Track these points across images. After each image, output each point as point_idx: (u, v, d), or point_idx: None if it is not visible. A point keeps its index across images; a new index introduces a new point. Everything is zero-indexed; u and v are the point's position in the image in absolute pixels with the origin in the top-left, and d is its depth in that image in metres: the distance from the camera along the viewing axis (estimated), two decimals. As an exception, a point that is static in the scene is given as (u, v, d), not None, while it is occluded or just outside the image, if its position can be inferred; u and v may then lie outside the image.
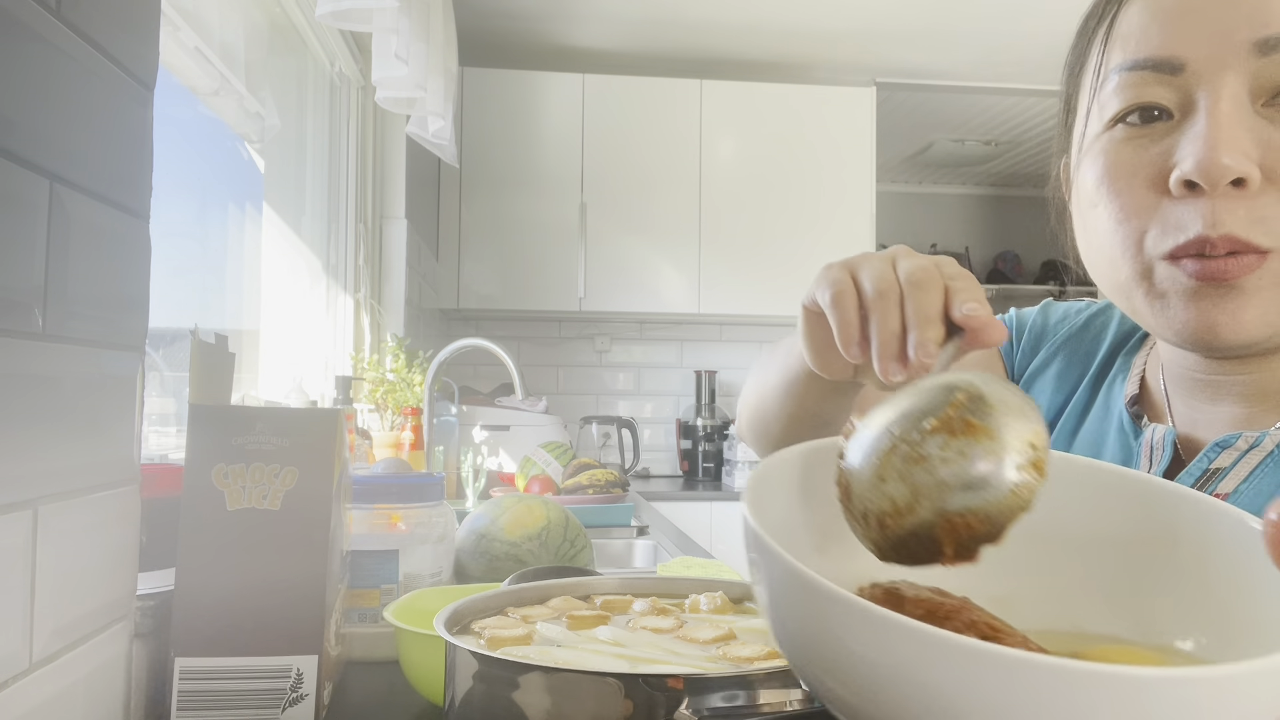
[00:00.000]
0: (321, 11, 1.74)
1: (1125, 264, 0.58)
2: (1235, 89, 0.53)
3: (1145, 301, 0.58)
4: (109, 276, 0.58)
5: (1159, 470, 0.63)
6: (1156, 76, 0.55)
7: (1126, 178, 0.57)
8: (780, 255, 3.60)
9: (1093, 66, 0.61)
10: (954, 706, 0.29)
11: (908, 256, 0.50)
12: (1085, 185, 0.61)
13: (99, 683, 0.58)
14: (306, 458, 0.67)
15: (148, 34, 0.62)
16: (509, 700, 0.48)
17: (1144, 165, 0.56)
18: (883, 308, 0.48)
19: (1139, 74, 0.56)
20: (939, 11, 3.25)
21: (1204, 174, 0.52)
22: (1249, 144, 0.53)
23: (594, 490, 2.02)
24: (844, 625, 0.31)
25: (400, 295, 2.76)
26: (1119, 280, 0.60)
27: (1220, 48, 0.53)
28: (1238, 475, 0.58)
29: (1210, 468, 0.59)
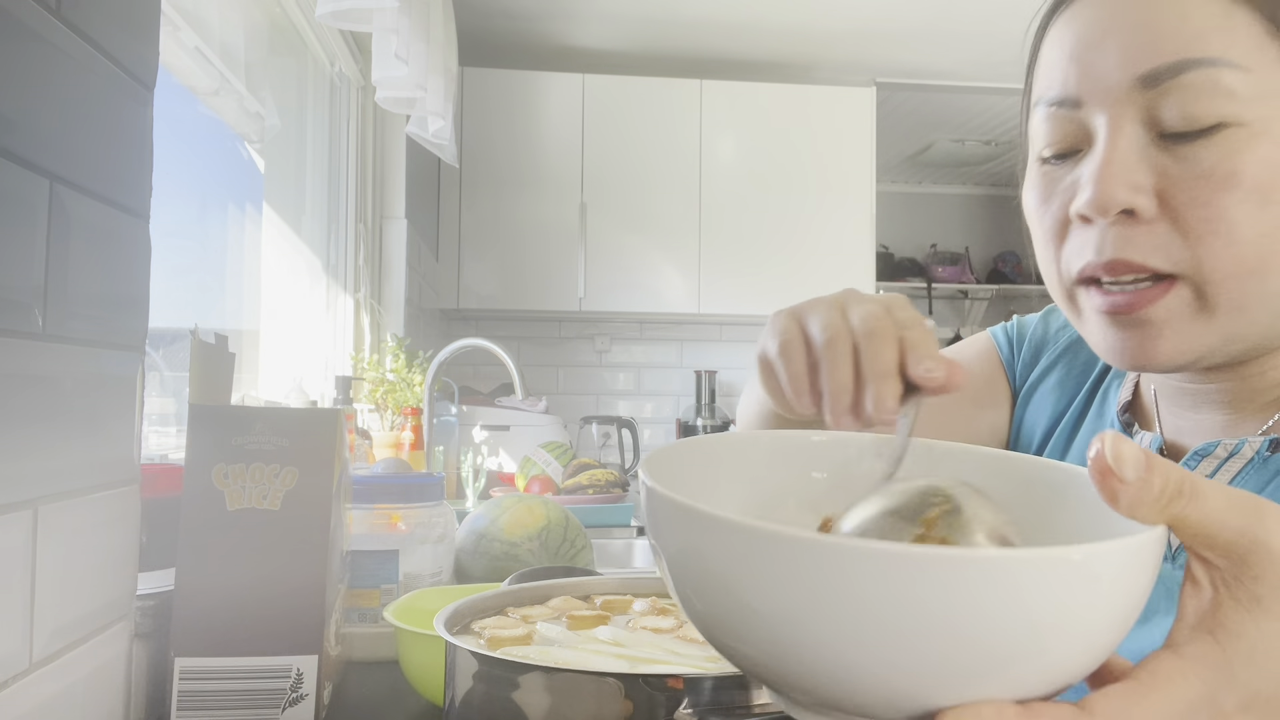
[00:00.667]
0: (321, 11, 1.74)
1: (1055, 286, 0.62)
2: (1127, 122, 0.55)
3: (1077, 322, 0.61)
4: (109, 276, 0.58)
5: None
6: (1063, 113, 0.58)
7: (1045, 206, 0.60)
8: (780, 255, 3.60)
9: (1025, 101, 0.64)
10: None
11: (858, 303, 0.49)
12: (1025, 209, 0.64)
13: (99, 683, 0.58)
14: (306, 458, 0.67)
15: (148, 34, 0.63)
16: (509, 700, 0.48)
17: (1058, 195, 0.59)
18: (832, 357, 0.47)
19: (1050, 110, 0.59)
20: (939, 11, 3.25)
21: (1092, 207, 0.55)
22: (1141, 173, 0.54)
23: (594, 490, 2.02)
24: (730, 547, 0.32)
25: (400, 295, 2.76)
26: (1057, 299, 0.63)
27: (1108, 85, 0.55)
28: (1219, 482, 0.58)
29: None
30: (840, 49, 3.60)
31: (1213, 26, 0.53)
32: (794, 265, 3.60)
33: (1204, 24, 0.53)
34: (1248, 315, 0.55)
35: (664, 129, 3.57)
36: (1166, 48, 0.53)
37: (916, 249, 5.02)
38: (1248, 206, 0.53)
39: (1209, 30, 0.53)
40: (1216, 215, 0.53)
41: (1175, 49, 0.53)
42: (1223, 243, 0.53)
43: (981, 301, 5.04)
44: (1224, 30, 0.53)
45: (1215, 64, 0.53)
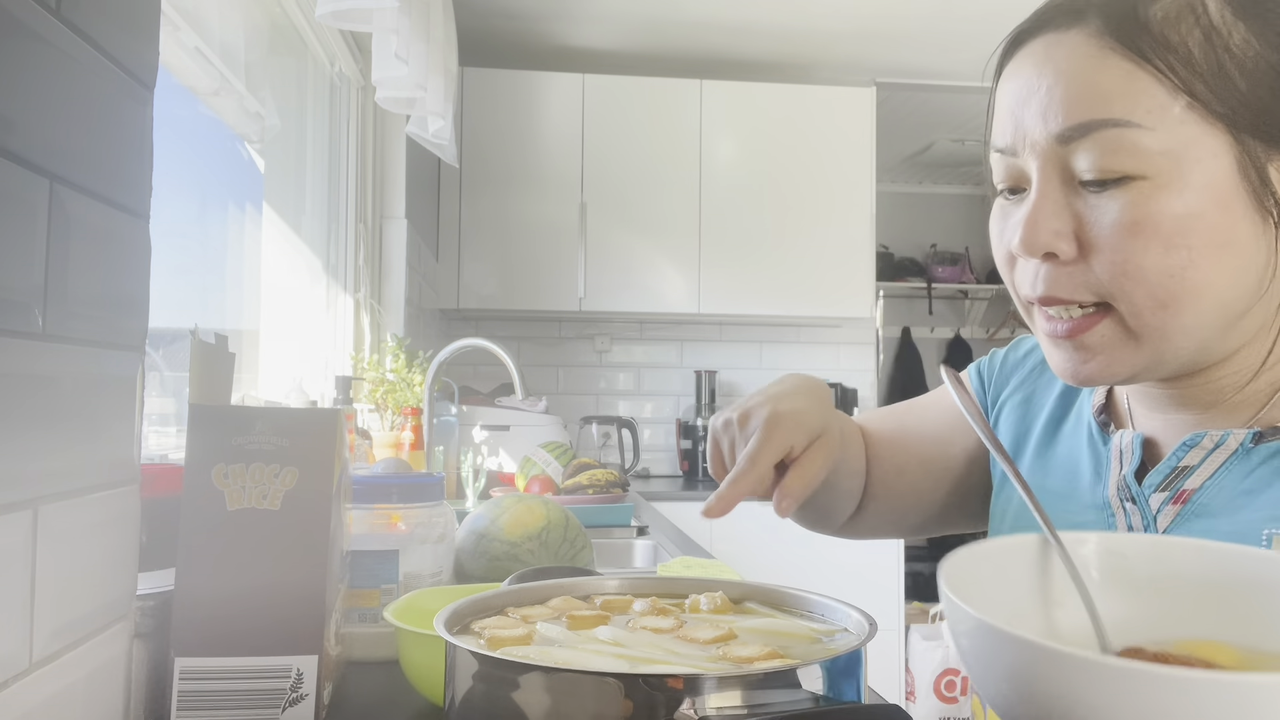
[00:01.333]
0: (321, 11, 1.74)
1: (1018, 306, 0.69)
2: (1050, 172, 0.62)
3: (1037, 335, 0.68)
4: (109, 276, 0.58)
5: (1130, 470, 0.68)
6: (1005, 159, 0.65)
7: (999, 238, 0.67)
8: (780, 255, 3.60)
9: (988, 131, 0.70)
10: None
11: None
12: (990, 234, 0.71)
13: (99, 683, 0.58)
14: (306, 458, 0.67)
15: (148, 34, 0.63)
16: (509, 700, 0.48)
17: (1008, 229, 0.66)
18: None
19: (996, 154, 0.66)
20: (939, 11, 3.25)
21: (1022, 249, 0.62)
22: (1062, 219, 0.61)
23: (594, 490, 2.02)
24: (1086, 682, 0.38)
25: (400, 295, 2.76)
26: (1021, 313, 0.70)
27: (1033, 139, 0.62)
28: (1204, 472, 0.64)
29: (1179, 465, 0.65)
30: (840, 49, 3.60)
31: (1118, 90, 0.59)
32: (794, 265, 3.60)
33: (1110, 87, 0.59)
34: (1172, 342, 0.61)
35: (664, 129, 3.57)
36: (1077, 110, 0.60)
37: (916, 249, 5.02)
38: (1154, 251, 0.58)
39: (1114, 94, 0.59)
40: (1126, 259, 0.59)
41: (1084, 111, 0.59)
42: (1133, 282, 0.59)
43: (981, 301, 5.05)
44: (1128, 94, 0.59)
45: (1119, 124, 0.58)
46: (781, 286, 3.60)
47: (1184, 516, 0.64)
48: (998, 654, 0.42)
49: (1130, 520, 0.67)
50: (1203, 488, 0.63)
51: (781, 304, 3.61)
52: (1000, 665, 0.42)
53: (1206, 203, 0.58)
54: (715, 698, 0.46)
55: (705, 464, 0.70)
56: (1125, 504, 0.67)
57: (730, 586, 0.69)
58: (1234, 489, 0.62)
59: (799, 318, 3.76)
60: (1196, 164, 0.58)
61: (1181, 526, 0.64)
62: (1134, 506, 0.67)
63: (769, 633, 0.60)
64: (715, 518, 0.69)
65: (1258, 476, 0.61)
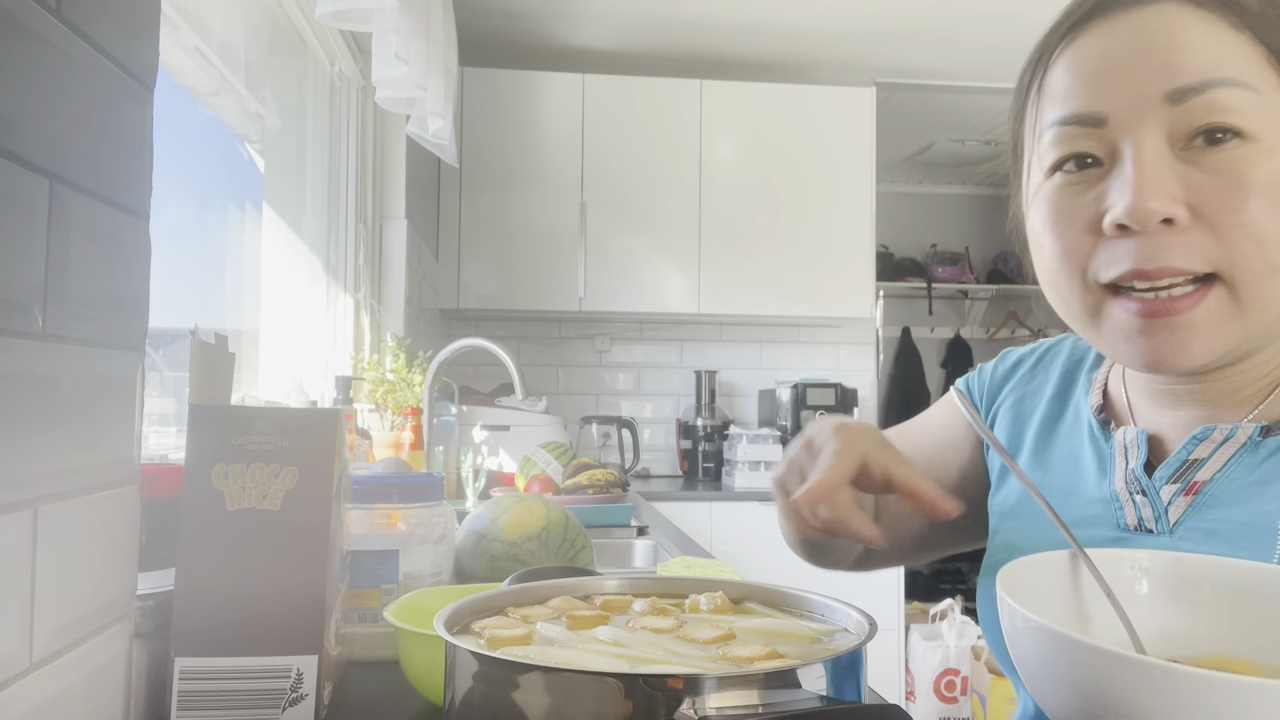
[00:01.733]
0: (321, 11, 1.74)
1: (1074, 299, 0.65)
2: (1154, 137, 0.60)
3: (1097, 334, 0.65)
4: (109, 276, 0.58)
5: (1137, 465, 0.69)
6: (1083, 130, 0.62)
7: (1066, 221, 0.64)
8: (780, 255, 3.60)
9: (1030, 121, 0.68)
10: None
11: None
12: (1033, 229, 0.68)
13: (99, 683, 0.58)
14: (306, 458, 0.67)
15: (148, 34, 0.63)
16: (509, 700, 0.48)
17: (1081, 209, 0.63)
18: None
19: (1068, 129, 0.63)
20: (939, 11, 3.25)
21: (1133, 218, 0.59)
22: (1173, 185, 0.59)
23: (594, 490, 2.02)
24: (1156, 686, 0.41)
25: (400, 295, 2.76)
26: (1072, 313, 0.67)
27: (1136, 101, 0.60)
28: (1214, 465, 0.65)
29: (1189, 458, 0.66)
30: (840, 49, 3.60)
31: (1227, 53, 0.59)
32: (794, 265, 3.60)
33: (1221, 49, 0.59)
34: (1269, 314, 0.61)
35: (664, 129, 3.57)
36: (1192, 67, 0.58)
37: (916, 249, 5.02)
38: (1271, 212, 0.58)
39: (1226, 54, 0.59)
40: (1249, 219, 0.58)
41: (1200, 69, 0.58)
42: (1254, 244, 0.58)
43: (981, 301, 5.04)
44: (1237, 56, 0.59)
45: (1234, 84, 0.58)
46: (781, 286, 3.60)
47: (1196, 507, 0.65)
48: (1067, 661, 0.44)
49: (1140, 512, 0.68)
50: (1214, 479, 0.65)
51: (781, 304, 3.61)
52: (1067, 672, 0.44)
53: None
54: (715, 698, 0.46)
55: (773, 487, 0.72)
56: (1135, 496, 0.68)
57: (730, 586, 0.69)
58: (1244, 480, 0.63)
59: (799, 318, 3.76)
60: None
61: (1193, 516, 0.65)
62: (1144, 499, 0.68)
63: (769, 633, 0.60)
64: (812, 504, 0.65)
65: (1267, 468, 0.63)
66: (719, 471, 3.72)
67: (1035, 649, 0.46)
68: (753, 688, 0.47)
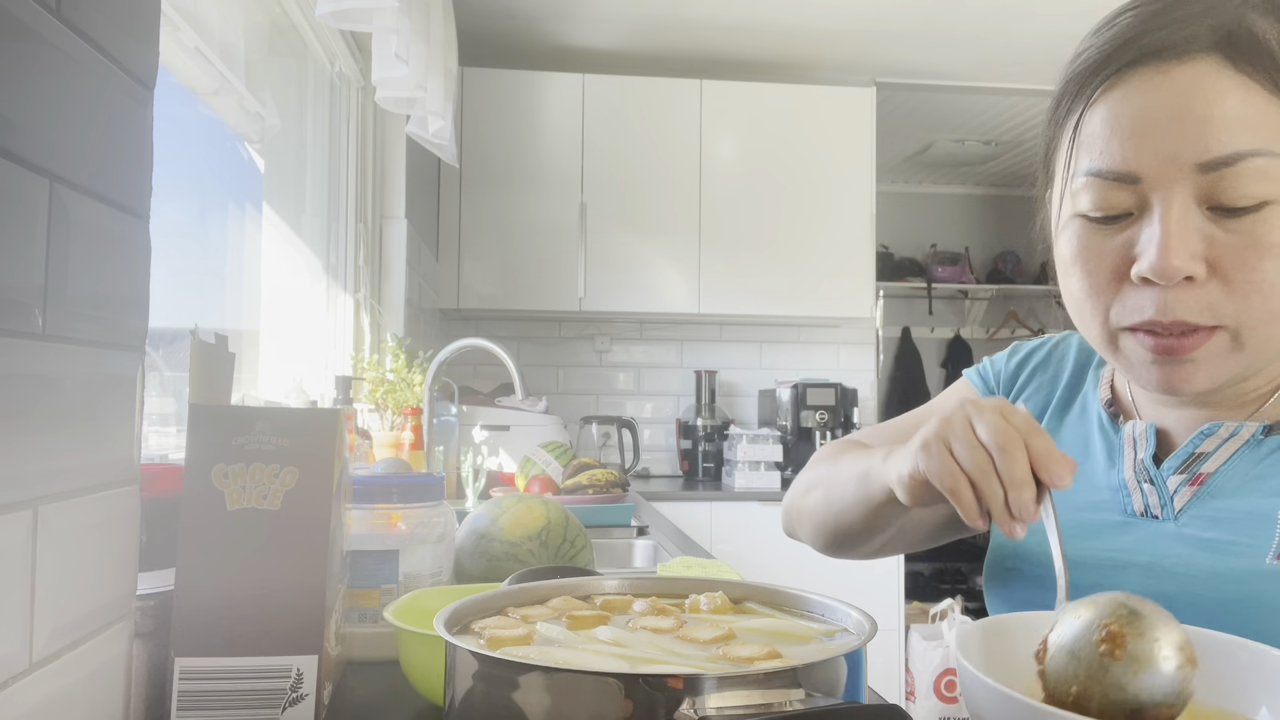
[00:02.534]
0: (321, 11, 1.74)
1: (1095, 328, 0.71)
2: (1183, 198, 0.64)
3: (1112, 358, 0.72)
4: (109, 276, 0.58)
5: (1146, 455, 0.74)
6: (1117, 185, 0.66)
7: (1095, 261, 0.69)
8: (780, 255, 3.60)
9: (1063, 154, 0.72)
10: None
11: (980, 417, 0.61)
12: (1062, 255, 0.73)
13: (99, 683, 0.58)
14: (306, 458, 0.67)
15: (148, 34, 0.63)
16: (509, 700, 0.48)
17: (1109, 252, 0.68)
18: (988, 486, 0.59)
19: (1102, 180, 0.67)
20: (939, 11, 3.25)
21: (1158, 274, 0.64)
22: (1196, 243, 0.64)
23: (594, 490, 2.02)
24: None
25: (400, 295, 2.76)
26: (1091, 336, 0.73)
27: (1169, 166, 0.64)
28: (1219, 458, 0.70)
29: (1196, 451, 0.72)
30: (840, 49, 3.60)
31: (1260, 122, 0.63)
32: (794, 265, 3.60)
33: (1254, 119, 0.63)
34: (1267, 352, 0.67)
35: (664, 129, 3.57)
36: (1225, 140, 0.63)
37: (916, 249, 5.02)
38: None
39: (1258, 125, 0.63)
40: (1261, 277, 0.63)
41: (1231, 141, 0.62)
42: (1261, 298, 0.64)
43: (981, 301, 5.04)
44: (1268, 125, 0.63)
45: (1263, 155, 0.63)
46: (781, 286, 3.60)
47: (1200, 497, 0.70)
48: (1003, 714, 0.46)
49: (1147, 499, 0.73)
50: (1218, 472, 0.70)
51: (781, 304, 3.61)
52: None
53: None
54: (715, 698, 0.46)
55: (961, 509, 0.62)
56: (1143, 484, 0.74)
57: (730, 586, 0.69)
58: (1246, 474, 0.69)
59: (799, 318, 3.76)
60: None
61: (1197, 505, 0.70)
62: (1151, 487, 0.73)
63: (769, 633, 0.60)
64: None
65: (1268, 464, 0.68)
66: (719, 471, 3.72)
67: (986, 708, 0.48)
68: (753, 688, 0.47)
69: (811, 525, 0.92)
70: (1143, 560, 0.71)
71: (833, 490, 0.86)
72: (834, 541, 0.91)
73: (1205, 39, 0.64)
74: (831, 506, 0.86)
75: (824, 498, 0.88)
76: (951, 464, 0.61)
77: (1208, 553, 0.68)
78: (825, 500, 0.87)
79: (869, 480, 0.77)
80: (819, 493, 0.89)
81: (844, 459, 0.87)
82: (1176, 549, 0.70)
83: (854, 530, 0.85)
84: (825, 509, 0.88)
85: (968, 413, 0.62)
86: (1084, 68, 0.70)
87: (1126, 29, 0.67)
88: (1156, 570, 0.70)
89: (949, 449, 0.62)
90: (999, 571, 0.83)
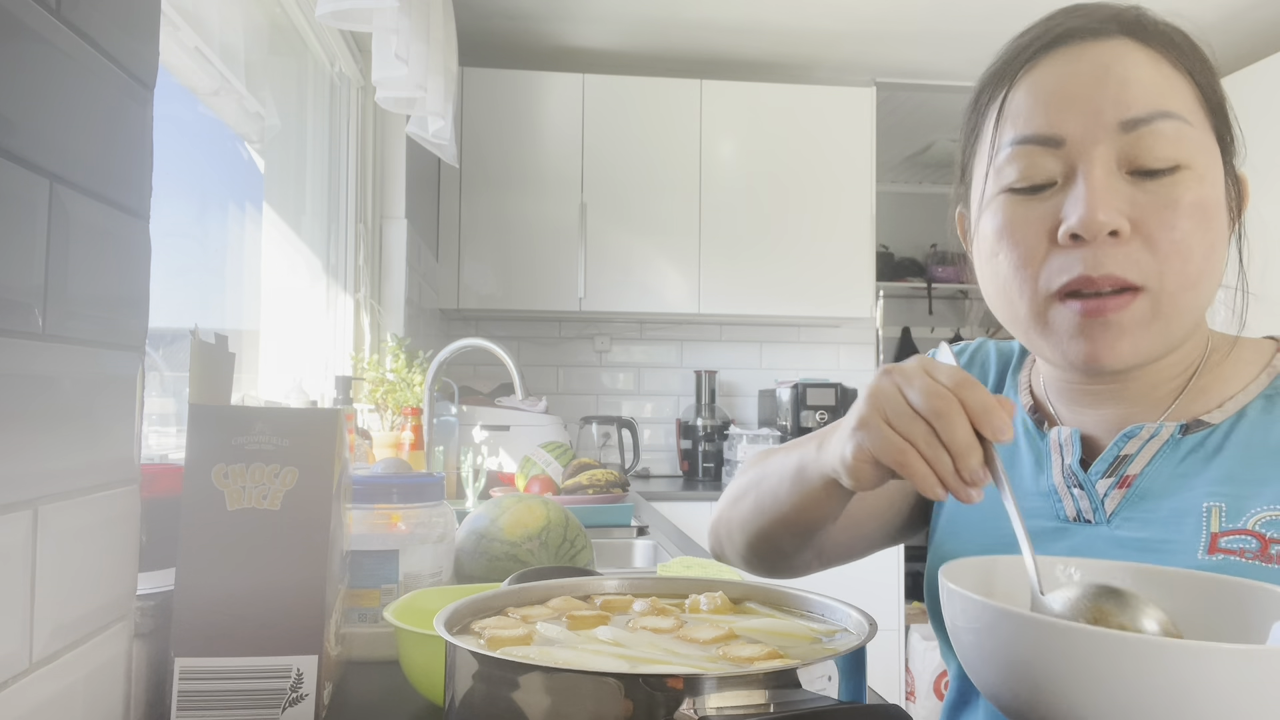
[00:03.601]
0: (321, 11, 1.74)
1: (1022, 303, 0.71)
2: (1106, 159, 0.67)
3: (1039, 335, 0.72)
4: (109, 276, 0.58)
5: (1073, 461, 0.76)
6: (1042, 149, 0.69)
7: (1022, 230, 0.70)
8: (780, 255, 3.60)
9: (988, 137, 0.74)
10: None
11: (910, 383, 0.60)
12: (986, 236, 0.74)
13: (99, 683, 0.58)
14: (306, 458, 0.67)
15: (148, 34, 0.63)
16: (509, 700, 0.48)
17: (1035, 221, 0.70)
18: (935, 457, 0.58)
19: (1027, 147, 0.70)
20: (939, 11, 3.25)
21: (1085, 228, 0.66)
22: (1121, 202, 0.67)
23: (594, 490, 2.02)
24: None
25: (400, 295, 2.76)
26: (1018, 316, 0.73)
27: (1092, 126, 0.67)
28: (1142, 460, 0.73)
29: (1120, 454, 0.73)
30: (840, 49, 3.60)
31: (1170, 89, 0.68)
32: (794, 265, 3.60)
33: (1165, 85, 0.68)
34: (1181, 324, 0.69)
35: (664, 129, 3.57)
36: (1142, 100, 0.67)
37: (916, 249, 5.02)
38: (1198, 232, 0.67)
39: (1169, 92, 0.68)
40: (1180, 237, 0.66)
41: (1150, 102, 0.67)
42: (1181, 259, 0.67)
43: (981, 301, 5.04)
44: (1178, 93, 0.68)
45: (1178, 117, 0.67)
46: (781, 286, 3.60)
47: (1130, 499, 0.72)
48: (994, 631, 0.49)
49: (1079, 504, 0.75)
50: (1143, 473, 0.72)
51: (781, 304, 3.61)
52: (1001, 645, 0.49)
53: (1220, 196, 0.69)
54: (715, 698, 0.46)
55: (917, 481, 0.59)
56: (1072, 489, 0.75)
57: (730, 586, 0.69)
58: (1170, 473, 0.72)
59: (799, 318, 3.76)
60: (1214, 162, 0.69)
61: (1128, 507, 0.72)
62: (1081, 491, 0.75)
63: (769, 633, 0.60)
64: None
65: (1189, 462, 0.71)
66: (719, 471, 3.72)
67: (969, 625, 0.51)
68: (753, 688, 0.47)
69: (742, 536, 0.87)
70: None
71: (764, 493, 0.82)
72: (765, 551, 0.87)
73: (1114, 25, 0.70)
74: (764, 511, 0.82)
75: (755, 503, 0.84)
76: (894, 437, 0.59)
77: (1142, 553, 0.70)
78: (756, 506, 0.84)
79: (804, 472, 0.74)
80: (749, 499, 0.85)
81: (769, 460, 0.83)
82: (1112, 551, 0.71)
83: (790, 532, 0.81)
84: (756, 514, 0.84)
85: (895, 381, 0.61)
86: (1001, 62, 0.75)
87: (1039, 28, 0.73)
88: None
89: (887, 422, 0.60)
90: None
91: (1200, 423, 0.72)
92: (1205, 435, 0.72)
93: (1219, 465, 0.70)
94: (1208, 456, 0.71)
